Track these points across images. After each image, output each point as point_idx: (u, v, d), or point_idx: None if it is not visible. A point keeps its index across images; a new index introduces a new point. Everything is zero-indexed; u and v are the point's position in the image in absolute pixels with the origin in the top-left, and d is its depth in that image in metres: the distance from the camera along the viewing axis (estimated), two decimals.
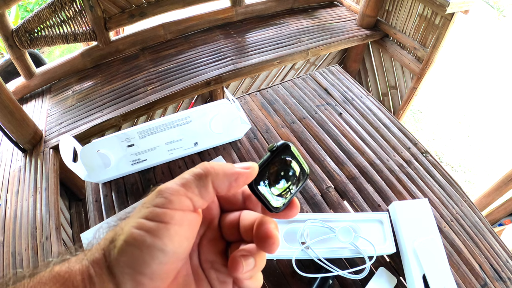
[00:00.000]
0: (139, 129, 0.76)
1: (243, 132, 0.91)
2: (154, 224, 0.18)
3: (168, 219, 0.19)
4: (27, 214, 1.06)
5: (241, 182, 0.21)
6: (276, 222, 0.22)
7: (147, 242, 0.18)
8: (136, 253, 0.18)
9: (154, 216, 0.19)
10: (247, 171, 0.22)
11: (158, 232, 0.18)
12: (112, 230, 0.20)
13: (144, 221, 0.19)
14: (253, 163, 0.22)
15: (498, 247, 0.73)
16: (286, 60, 1.65)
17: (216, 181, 0.21)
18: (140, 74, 1.56)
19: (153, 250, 0.18)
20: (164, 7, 1.63)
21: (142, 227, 0.18)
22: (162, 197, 0.19)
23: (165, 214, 0.19)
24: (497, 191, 1.50)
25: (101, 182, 0.84)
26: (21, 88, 1.53)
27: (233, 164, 0.22)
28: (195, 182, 0.20)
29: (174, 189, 0.20)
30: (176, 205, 0.19)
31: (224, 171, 0.21)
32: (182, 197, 0.20)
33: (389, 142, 0.93)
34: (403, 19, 1.74)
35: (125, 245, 0.18)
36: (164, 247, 0.18)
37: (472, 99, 2.93)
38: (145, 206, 0.19)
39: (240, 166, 0.22)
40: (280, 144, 0.24)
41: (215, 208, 0.24)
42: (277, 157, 0.23)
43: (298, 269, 0.63)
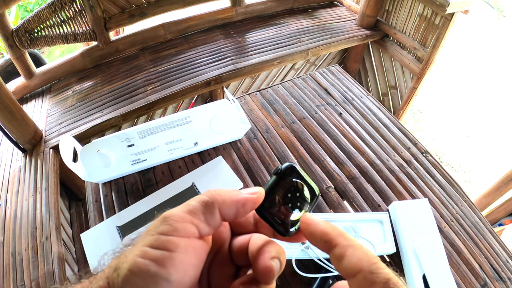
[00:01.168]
0: (139, 129, 0.76)
1: (243, 132, 0.91)
2: (158, 252, 0.18)
3: (173, 247, 0.18)
4: (27, 214, 1.06)
5: (248, 208, 0.21)
6: (281, 250, 0.21)
7: (152, 271, 0.17)
8: (140, 282, 0.17)
9: (159, 244, 0.18)
10: (253, 197, 0.21)
11: (162, 261, 0.18)
12: (117, 257, 0.19)
13: (148, 249, 0.18)
14: (260, 188, 0.22)
15: (498, 247, 0.73)
16: (286, 60, 1.65)
17: (223, 208, 0.20)
18: (140, 74, 1.56)
19: (157, 280, 0.17)
20: (164, 7, 1.63)
21: (146, 255, 0.18)
22: (167, 224, 0.19)
23: (170, 242, 0.18)
24: (497, 191, 1.50)
25: (101, 182, 0.84)
26: (21, 88, 1.53)
27: (239, 190, 0.22)
28: (201, 209, 0.20)
29: (180, 216, 0.19)
30: (181, 233, 0.19)
31: (231, 198, 0.21)
32: (188, 224, 0.19)
33: (389, 142, 0.93)
34: (403, 19, 1.74)
35: (129, 274, 0.17)
36: (169, 277, 0.18)
37: (472, 99, 2.93)
38: (149, 233, 0.19)
39: (247, 191, 0.22)
40: (285, 167, 0.24)
41: (226, 232, 0.24)
42: (283, 179, 0.23)
43: (298, 269, 0.63)
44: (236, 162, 0.87)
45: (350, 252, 0.19)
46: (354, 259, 0.19)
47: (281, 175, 0.23)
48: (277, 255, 0.21)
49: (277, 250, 0.21)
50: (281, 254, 0.21)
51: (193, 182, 0.81)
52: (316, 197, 0.24)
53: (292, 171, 0.24)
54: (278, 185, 0.23)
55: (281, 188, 0.23)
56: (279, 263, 0.20)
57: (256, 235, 0.23)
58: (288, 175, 0.23)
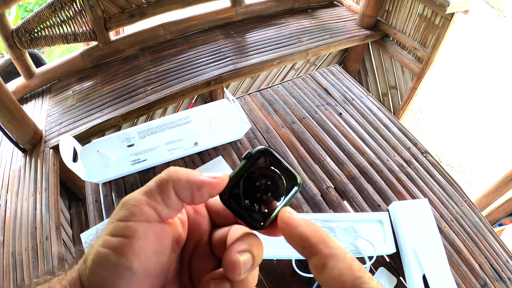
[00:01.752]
0: (139, 129, 0.76)
1: (243, 132, 0.91)
2: (117, 240, 0.17)
3: (131, 233, 0.17)
4: (27, 214, 1.06)
5: (205, 193, 0.19)
6: (255, 242, 0.19)
7: (112, 260, 0.17)
8: (104, 273, 0.17)
9: (117, 231, 0.17)
10: (212, 181, 0.19)
11: (122, 249, 0.17)
12: (89, 248, 0.19)
13: (108, 237, 0.17)
14: (224, 173, 0.20)
15: (498, 247, 0.73)
16: (286, 60, 1.65)
17: (178, 187, 0.19)
18: (140, 74, 1.56)
19: (119, 269, 0.16)
20: (164, 7, 1.63)
21: (106, 244, 0.17)
22: (125, 209, 0.18)
23: (128, 228, 0.17)
24: (497, 191, 1.50)
25: (101, 182, 0.84)
26: (21, 88, 1.53)
27: (201, 172, 0.20)
28: (157, 189, 0.18)
29: (136, 199, 0.18)
30: (139, 217, 0.17)
31: (187, 178, 0.19)
32: (145, 206, 0.18)
33: (389, 142, 0.93)
34: (403, 19, 1.74)
35: (93, 265, 0.17)
36: (129, 265, 0.16)
37: (472, 99, 2.93)
38: (110, 221, 0.18)
39: (208, 175, 0.20)
40: (256, 150, 0.21)
41: (205, 223, 0.22)
42: (254, 164, 0.20)
43: (298, 269, 0.63)
44: (236, 162, 0.87)
45: (332, 264, 0.17)
46: (336, 272, 0.16)
47: (252, 160, 0.20)
48: (247, 248, 0.18)
49: (250, 243, 0.19)
50: (254, 247, 0.19)
51: None
52: (296, 186, 0.21)
53: (266, 156, 0.21)
54: (248, 171, 0.20)
55: (252, 175, 0.20)
56: (250, 257, 0.18)
57: (235, 226, 0.21)
58: (260, 160, 0.21)
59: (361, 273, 0.16)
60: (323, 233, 0.18)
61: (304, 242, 0.17)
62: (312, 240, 0.17)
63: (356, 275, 0.16)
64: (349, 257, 0.17)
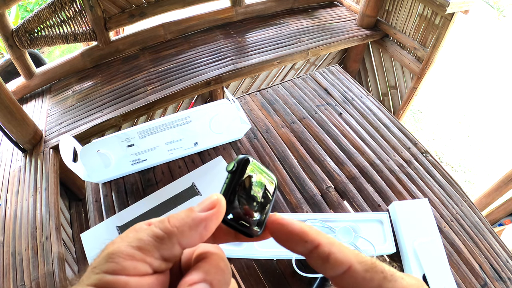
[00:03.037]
0: (139, 129, 0.76)
1: (243, 132, 0.91)
2: None
3: (122, 287, 0.15)
4: (27, 214, 1.06)
5: (212, 226, 0.18)
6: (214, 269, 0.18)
7: None
8: None
9: (104, 284, 0.15)
10: (214, 211, 0.18)
11: None
12: None
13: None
14: (217, 195, 0.19)
15: (498, 247, 0.73)
16: (286, 60, 1.65)
17: (183, 239, 0.17)
18: (140, 74, 1.56)
19: None
20: (164, 7, 1.63)
21: None
22: (113, 262, 0.16)
23: (117, 281, 0.15)
24: (497, 191, 1.50)
25: (101, 182, 0.84)
26: (21, 88, 1.53)
27: (193, 209, 0.18)
28: (155, 246, 0.17)
29: (128, 253, 0.16)
30: (130, 272, 0.16)
31: (189, 226, 0.17)
32: (139, 262, 0.16)
33: (389, 142, 0.93)
34: (403, 19, 1.74)
35: None
36: None
37: (472, 99, 2.93)
38: (94, 271, 0.16)
39: (203, 207, 0.18)
40: (239, 161, 0.21)
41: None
42: (240, 176, 0.20)
43: (298, 269, 0.63)
44: None
45: (335, 249, 0.17)
46: (341, 255, 0.17)
47: (240, 172, 0.20)
48: (203, 277, 0.17)
49: (207, 270, 0.17)
50: (212, 274, 0.17)
51: (193, 182, 0.81)
52: (275, 188, 0.22)
53: (247, 164, 0.21)
54: (236, 185, 0.20)
55: (240, 187, 0.20)
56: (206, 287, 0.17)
57: (201, 247, 0.19)
58: (244, 171, 0.20)
59: (359, 252, 0.18)
60: (315, 228, 0.18)
61: (306, 236, 0.18)
62: (312, 234, 0.18)
63: (356, 252, 0.17)
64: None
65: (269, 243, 0.66)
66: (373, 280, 0.16)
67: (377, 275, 0.16)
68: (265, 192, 0.21)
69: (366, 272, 0.17)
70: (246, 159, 0.21)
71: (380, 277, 0.16)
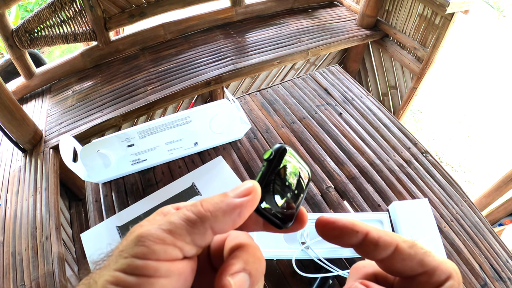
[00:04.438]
0: (139, 129, 0.76)
1: (243, 132, 0.91)
2: (134, 279, 0.15)
3: (152, 272, 0.15)
4: (27, 214, 1.06)
5: (246, 214, 0.18)
6: (252, 258, 0.18)
7: None
8: None
9: (133, 269, 0.15)
10: (249, 198, 0.18)
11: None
12: (87, 279, 0.16)
13: (121, 275, 0.15)
14: (252, 182, 0.18)
15: (498, 247, 0.73)
16: (286, 60, 1.65)
17: (217, 225, 0.17)
18: (140, 74, 1.56)
19: None
20: (164, 7, 1.63)
21: (119, 282, 0.15)
22: (143, 245, 0.15)
23: (147, 266, 0.15)
24: (497, 191, 1.50)
25: (101, 182, 0.84)
26: (21, 88, 1.53)
27: (227, 194, 0.18)
28: (187, 229, 0.16)
29: (159, 237, 0.16)
30: (161, 256, 0.15)
31: (223, 211, 0.17)
32: (169, 246, 0.16)
33: (389, 142, 0.93)
34: (403, 19, 1.74)
35: None
36: None
37: (472, 99, 2.93)
38: (122, 255, 0.16)
39: (238, 192, 0.18)
40: (277, 149, 0.20)
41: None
42: (276, 165, 0.20)
43: (298, 269, 0.63)
44: (236, 162, 0.87)
45: (382, 233, 0.19)
46: (388, 237, 0.19)
47: (276, 161, 0.20)
48: (242, 266, 0.17)
49: (246, 259, 0.17)
50: (250, 264, 0.17)
51: (193, 182, 0.81)
52: (309, 180, 0.22)
53: (284, 154, 0.20)
54: (272, 173, 0.20)
55: (276, 176, 0.20)
56: (246, 277, 0.16)
57: (233, 234, 0.19)
58: (281, 159, 0.20)
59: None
60: (359, 220, 0.20)
61: (356, 228, 0.19)
62: (361, 224, 0.20)
63: (398, 234, 0.19)
64: None
65: (269, 243, 0.66)
66: (417, 254, 0.18)
67: (419, 250, 0.18)
68: (299, 184, 0.21)
69: (410, 248, 0.18)
70: (284, 148, 0.20)
71: (421, 252, 0.18)
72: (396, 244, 0.18)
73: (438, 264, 0.18)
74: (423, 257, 0.18)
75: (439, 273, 0.18)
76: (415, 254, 0.18)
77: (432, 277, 0.18)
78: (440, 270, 0.18)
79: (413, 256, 0.18)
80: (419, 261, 0.18)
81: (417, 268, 0.18)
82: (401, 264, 0.18)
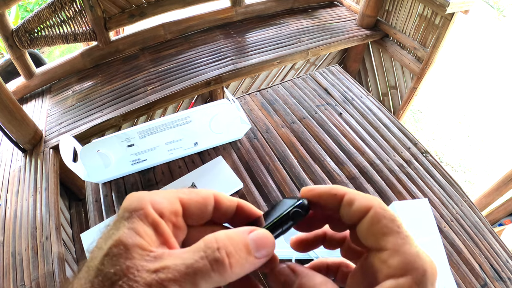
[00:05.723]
0: (139, 129, 0.76)
1: (243, 132, 0.91)
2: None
3: None
4: (27, 214, 1.06)
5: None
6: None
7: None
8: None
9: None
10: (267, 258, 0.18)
11: None
12: None
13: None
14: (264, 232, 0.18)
15: (498, 247, 0.73)
16: (286, 60, 1.65)
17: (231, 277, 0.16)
18: (140, 74, 1.56)
19: None
20: (164, 7, 1.63)
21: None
22: None
23: None
24: (497, 191, 1.50)
25: (101, 182, 0.84)
26: (21, 88, 1.53)
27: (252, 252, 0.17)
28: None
29: None
30: None
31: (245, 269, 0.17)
32: None
33: (389, 142, 0.93)
34: (403, 19, 1.74)
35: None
36: None
37: (472, 99, 2.93)
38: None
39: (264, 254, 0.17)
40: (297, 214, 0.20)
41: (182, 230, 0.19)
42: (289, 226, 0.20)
43: None
44: (236, 162, 0.87)
45: (360, 196, 0.19)
46: (364, 200, 0.19)
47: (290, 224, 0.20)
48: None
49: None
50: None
51: (193, 182, 0.81)
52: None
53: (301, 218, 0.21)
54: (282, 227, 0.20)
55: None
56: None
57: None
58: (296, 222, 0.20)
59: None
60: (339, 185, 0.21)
61: (333, 190, 0.20)
62: (338, 187, 0.20)
63: (379, 200, 0.19)
64: None
65: None
66: (387, 228, 0.17)
67: (393, 225, 0.17)
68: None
69: (384, 218, 0.18)
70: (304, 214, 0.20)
71: (394, 229, 0.17)
72: (371, 206, 0.18)
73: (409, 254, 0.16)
74: (393, 235, 0.17)
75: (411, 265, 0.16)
76: (385, 226, 0.17)
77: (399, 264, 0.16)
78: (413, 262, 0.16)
79: (381, 226, 0.17)
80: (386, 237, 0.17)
81: (381, 244, 0.17)
82: (368, 229, 0.18)
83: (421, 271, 0.16)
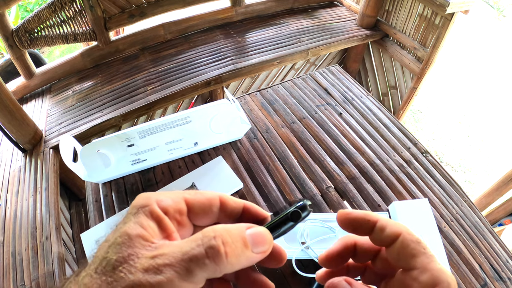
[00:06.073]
0: (139, 129, 0.76)
1: (243, 132, 0.91)
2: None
3: None
4: (27, 214, 1.06)
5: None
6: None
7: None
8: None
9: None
10: (265, 254, 0.18)
11: None
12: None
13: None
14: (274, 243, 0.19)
15: (498, 247, 0.73)
16: (286, 60, 1.65)
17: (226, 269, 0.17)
18: (140, 74, 1.56)
19: None
20: (164, 7, 1.63)
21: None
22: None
23: None
24: (497, 191, 1.50)
25: (101, 182, 0.84)
26: (21, 88, 1.53)
27: (249, 247, 0.17)
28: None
29: None
30: None
31: (241, 264, 0.17)
32: None
33: (389, 142, 0.93)
34: (403, 19, 1.74)
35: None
36: None
37: (472, 99, 2.93)
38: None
39: (260, 250, 0.18)
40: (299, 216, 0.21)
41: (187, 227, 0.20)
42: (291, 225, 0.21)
43: (298, 269, 0.63)
44: (236, 162, 0.87)
45: (390, 223, 0.21)
46: (395, 227, 0.21)
47: (292, 225, 0.21)
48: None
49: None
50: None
51: (193, 182, 0.81)
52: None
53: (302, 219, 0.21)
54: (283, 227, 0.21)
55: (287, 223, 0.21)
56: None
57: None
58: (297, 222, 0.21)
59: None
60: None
61: (368, 217, 0.22)
62: (372, 214, 0.23)
63: (406, 227, 0.21)
64: None
65: None
66: (415, 250, 0.20)
67: (420, 248, 0.20)
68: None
69: (412, 242, 0.20)
70: (306, 216, 0.21)
71: (421, 251, 0.20)
72: (400, 233, 0.21)
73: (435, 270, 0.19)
74: (420, 255, 0.20)
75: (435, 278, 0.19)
76: (414, 249, 0.20)
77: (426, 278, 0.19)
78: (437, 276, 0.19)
79: (410, 249, 0.20)
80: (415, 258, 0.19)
81: (411, 264, 0.20)
82: (399, 253, 0.20)
83: (446, 284, 0.19)
